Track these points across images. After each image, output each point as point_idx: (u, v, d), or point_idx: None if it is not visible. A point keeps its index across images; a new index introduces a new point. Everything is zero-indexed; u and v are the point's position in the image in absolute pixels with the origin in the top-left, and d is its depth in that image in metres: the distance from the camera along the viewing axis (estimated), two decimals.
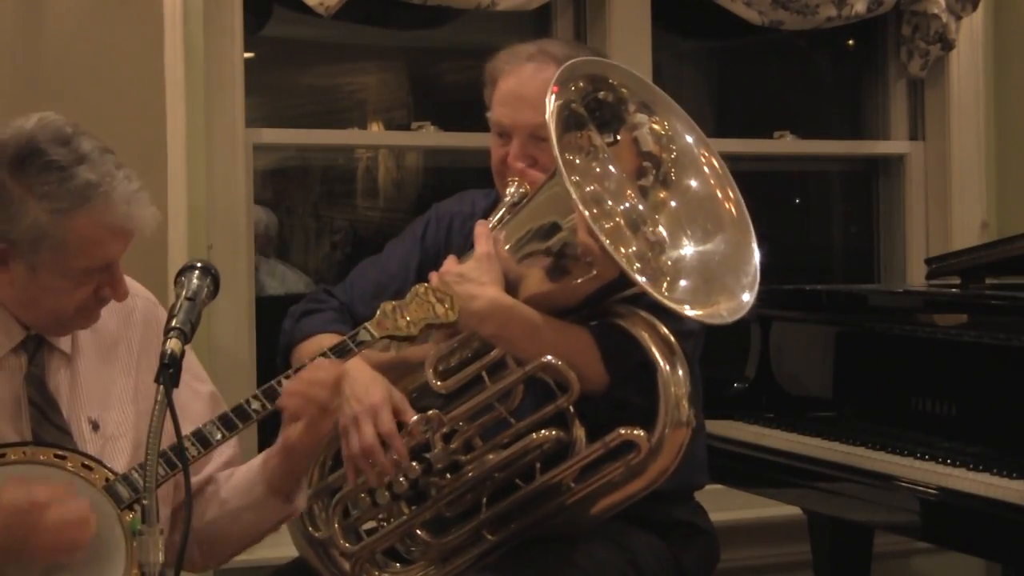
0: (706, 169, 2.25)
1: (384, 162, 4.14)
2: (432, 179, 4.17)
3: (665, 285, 2.17)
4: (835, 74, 4.47)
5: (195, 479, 2.20)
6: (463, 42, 3.97)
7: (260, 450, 2.31)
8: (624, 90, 2.23)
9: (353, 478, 2.25)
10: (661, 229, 2.22)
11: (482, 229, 2.24)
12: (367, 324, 2.10)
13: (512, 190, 2.33)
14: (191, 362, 2.27)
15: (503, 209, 2.30)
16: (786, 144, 4.13)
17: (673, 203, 2.24)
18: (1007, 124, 4.13)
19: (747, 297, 2.15)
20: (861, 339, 3.08)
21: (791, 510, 3.32)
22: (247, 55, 3.44)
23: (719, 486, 3.09)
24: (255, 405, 2.08)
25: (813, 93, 4.44)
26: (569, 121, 2.18)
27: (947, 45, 4.00)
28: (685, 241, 2.22)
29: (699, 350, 2.41)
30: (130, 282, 2.20)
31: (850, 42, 4.33)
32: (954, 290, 3.19)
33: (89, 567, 1.95)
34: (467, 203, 2.57)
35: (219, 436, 2.06)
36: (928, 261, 3.43)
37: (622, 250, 2.18)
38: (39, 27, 3.10)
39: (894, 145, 4.22)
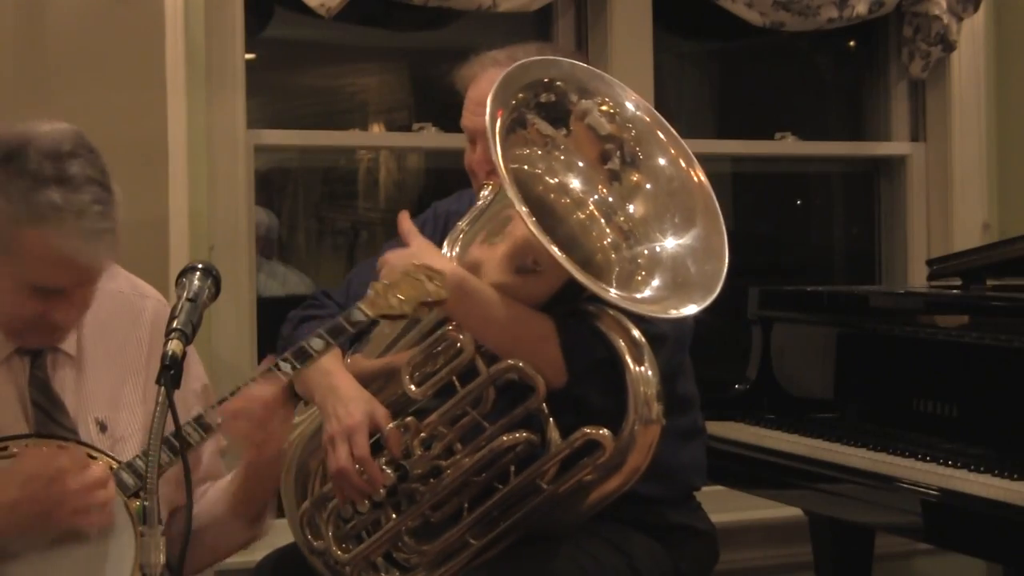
0: (662, 135, 2.21)
1: (385, 163, 4.13)
2: (433, 180, 4.16)
3: (640, 278, 2.14)
4: (836, 75, 4.47)
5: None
6: (464, 43, 3.95)
7: None
8: (560, 83, 2.19)
9: (339, 492, 2.24)
10: (635, 215, 2.19)
11: (405, 224, 2.24)
12: (360, 304, 2.05)
13: (485, 193, 2.31)
14: (188, 357, 2.27)
15: (475, 213, 2.29)
16: (787, 145, 4.12)
17: (648, 186, 2.21)
18: (1008, 125, 4.13)
19: (702, 297, 2.10)
20: (862, 340, 3.08)
21: (792, 511, 3.31)
22: (248, 56, 3.44)
23: (720, 487, 3.09)
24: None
25: (814, 94, 4.43)
26: (518, 122, 2.15)
27: (948, 46, 4.00)
28: (660, 230, 2.18)
29: (683, 353, 2.38)
30: (140, 283, 2.20)
31: (851, 43, 4.32)
32: (955, 291, 3.19)
33: (98, 551, 1.96)
34: (465, 201, 2.56)
35: (219, 420, 2.04)
36: (929, 262, 3.43)
37: (598, 236, 2.16)
38: (40, 27, 3.10)
39: (895, 146, 4.22)
